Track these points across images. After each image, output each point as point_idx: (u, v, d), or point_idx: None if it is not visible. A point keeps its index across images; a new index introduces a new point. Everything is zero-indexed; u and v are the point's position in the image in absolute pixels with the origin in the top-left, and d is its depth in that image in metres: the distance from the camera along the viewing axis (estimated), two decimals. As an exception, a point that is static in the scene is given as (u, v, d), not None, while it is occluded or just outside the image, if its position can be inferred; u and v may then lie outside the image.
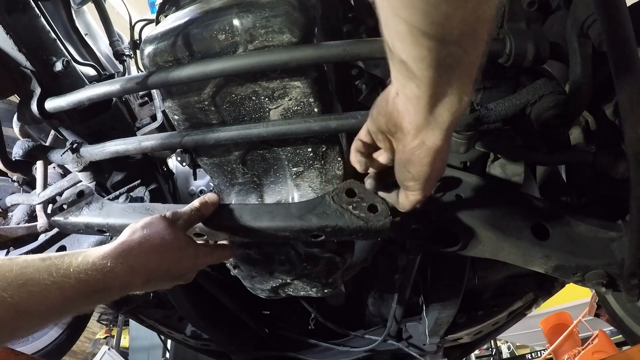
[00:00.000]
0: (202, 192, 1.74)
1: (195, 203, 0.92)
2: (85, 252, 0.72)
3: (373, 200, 0.88)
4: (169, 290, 1.59)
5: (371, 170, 0.82)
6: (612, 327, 3.51)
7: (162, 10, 1.07)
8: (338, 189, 0.92)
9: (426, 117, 0.58)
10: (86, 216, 0.98)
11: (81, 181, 1.24)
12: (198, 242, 0.92)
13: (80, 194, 1.03)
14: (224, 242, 1.00)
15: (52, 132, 1.50)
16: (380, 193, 0.87)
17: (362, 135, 0.77)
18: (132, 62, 1.51)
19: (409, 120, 0.61)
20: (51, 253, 0.71)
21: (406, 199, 0.77)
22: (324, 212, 0.89)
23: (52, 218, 1.00)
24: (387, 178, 0.82)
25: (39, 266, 0.65)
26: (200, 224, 0.92)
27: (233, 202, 1.05)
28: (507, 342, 8.11)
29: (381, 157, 0.77)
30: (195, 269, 0.90)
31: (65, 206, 1.01)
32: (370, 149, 0.76)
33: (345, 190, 0.91)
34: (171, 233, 0.82)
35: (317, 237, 0.92)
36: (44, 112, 1.08)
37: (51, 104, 1.07)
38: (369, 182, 0.85)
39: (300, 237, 0.91)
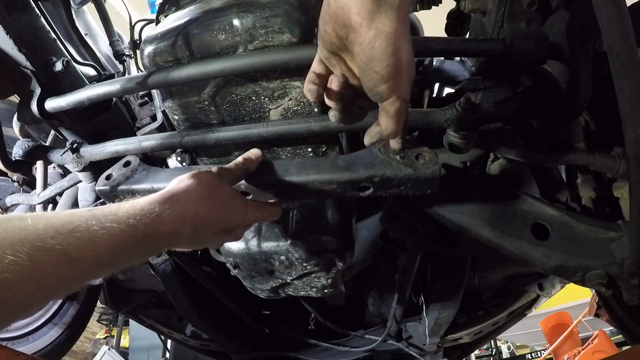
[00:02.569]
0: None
1: (239, 159, 0.89)
2: (131, 201, 0.70)
3: (420, 150, 0.87)
4: (169, 289, 1.59)
5: (332, 104, 0.75)
6: (612, 327, 3.51)
7: (162, 10, 1.07)
8: (384, 141, 0.89)
9: None
10: (132, 184, 0.97)
11: (81, 181, 1.24)
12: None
13: (127, 164, 1.03)
14: (272, 200, 0.96)
15: (52, 132, 1.50)
16: (366, 138, 0.80)
17: (315, 66, 0.72)
18: (132, 62, 1.51)
19: (357, 11, 0.57)
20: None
21: (387, 115, 0.68)
22: (371, 162, 0.87)
23: (98, 188, 0.99)
24: (352, 108, 0.76)
25: (85, 215, 0.63)
26: (245, 183, 0.90)
27: None
28: (507, 342, 8.11)
29: (333, 83, 0.70)
30: (244, 223, 0.86)
31: (111, 175, 1.01)
32: (324, 80, 0.71)
33: (391, 143, 0.87)
34: (218, 184, 0.80)
35: (365, 190, 0.89)
36: (44, 112, 1.08)
37: (51, 104, 1.07)
38: (332, 114, 0.77)
39: (347, 190, 0.89)
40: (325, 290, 1.22)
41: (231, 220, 0.81)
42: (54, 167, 1.84)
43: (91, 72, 1.32)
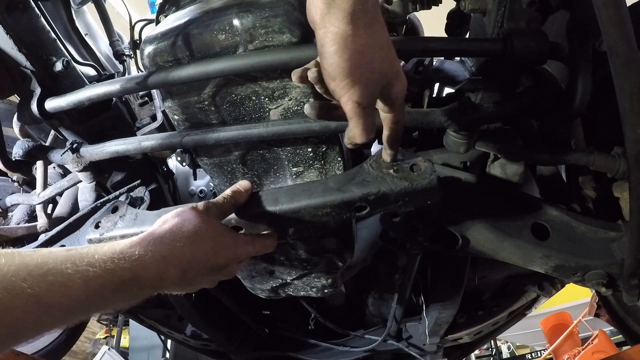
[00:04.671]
0: (202, 192, 1.74)
1: (228, 191, 0.87)
2: (112, 243, 0.66)
3: (415, 160, 0.84)
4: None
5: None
6: (612, 327, 3.51)
7: (162, 10, 1.07)
8: (375, 155, 0.85)
9: (326, 1, 0.60)
10: (121, 229, 0.96)
11: (81, 181, 1.24)
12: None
13: (115, 209, 1.02)
14: (266, 231, 0.93)
15: (52, 132, 1.50)
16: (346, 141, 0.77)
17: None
18: (132, 62, 1.51)
19: (315, 10, 0.62)
20: (77, 246, 0.64)
21: (348, 116, 0.67)
22: (363, 180, 0.83)
23: (88, 237, 0.99)
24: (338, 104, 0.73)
25: (62, 255, 0.59)
26: (235, 217, 0.87)
27: None
28: (507, 342, 8.11)
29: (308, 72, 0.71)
30: (236, 259, 0.82)
31: (100, 223, 1.00)
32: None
33: (383, 155, 0.85)
34: (205, 220, 0.76)
35: (361, 210, 0.86)
36: (44, 112, 1.08)
37: (51, 104, 1.07)
38: (305, 106, 0.75)
39: (342, 212, 0.86)
40: (325, 290, 1.22)
41: (221, 257, 0.78)
42: (54, 167, 1.85)
43: (91, 72, 1.32)
